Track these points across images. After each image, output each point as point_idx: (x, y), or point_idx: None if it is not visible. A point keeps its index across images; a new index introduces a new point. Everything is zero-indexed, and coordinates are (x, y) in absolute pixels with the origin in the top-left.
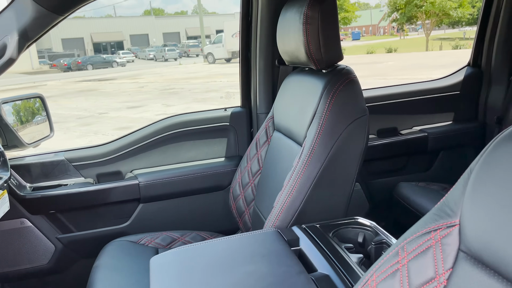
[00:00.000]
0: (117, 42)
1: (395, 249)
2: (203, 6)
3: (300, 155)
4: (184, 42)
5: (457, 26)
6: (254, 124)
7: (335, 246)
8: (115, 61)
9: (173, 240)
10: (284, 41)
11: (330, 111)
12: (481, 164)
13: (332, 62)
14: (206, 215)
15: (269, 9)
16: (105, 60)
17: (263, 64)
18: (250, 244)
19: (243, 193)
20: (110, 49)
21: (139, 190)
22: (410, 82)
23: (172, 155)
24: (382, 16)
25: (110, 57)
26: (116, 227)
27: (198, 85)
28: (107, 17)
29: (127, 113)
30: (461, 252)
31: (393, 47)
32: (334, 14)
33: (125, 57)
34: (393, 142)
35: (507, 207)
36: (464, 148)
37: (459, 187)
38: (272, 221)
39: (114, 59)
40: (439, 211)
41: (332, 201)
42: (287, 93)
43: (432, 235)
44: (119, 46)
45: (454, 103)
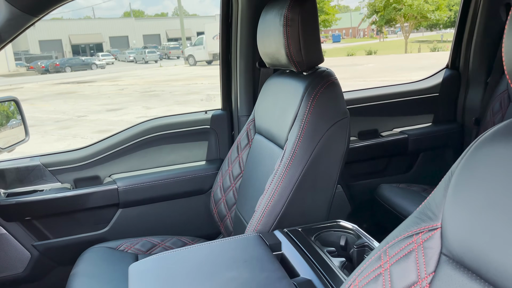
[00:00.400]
0: (96, 44)
1: (378, 253)
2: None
3: (282, 158)
4: (165, 44)
5: (435, 29)
6: (235, 127)
7: (317, 250)
8: (94, 63)
9: (153, 245)
10: (265, 43)
11: (311, 113)
12: (461, 167)
13: (313, 64)
14: (187, 220)
15: (249, 11)
16: (84, 62)
17: (244, 66)
18: (231, 249)
19: (224, 197)
20: (89, 51)
21: (118, 195)
22: (390, 84)
23: (152, 159)
24: (362, 18)
25: (89, 59)
26: (94, 233)
27: (179, 87)
28: (86, 18)
29: (107, 116)
30: (443, 256)
31: (373, 49)
32: (314, 16)
33: (105, 59)
34: (374, 144)
35: (488, 210)
36: (443, 149)
37: (441, 190)
38: (254, 225)
39: (93, 61)
40: (421, 215)
41: (314, 204)
42: (268, 96)
43: (414, 239)
44: (98, 48)
45: (433, 105)
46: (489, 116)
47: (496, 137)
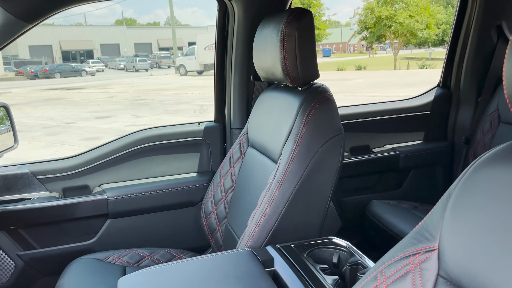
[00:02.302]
0: (87, 50)
1: (374, 273)
2: (176, 18)
3: (275, 172)
4: (156, 53)
5: (423, 47)
6: (228, 139)
7: (310, 267)
8: (84, 70)
9: (142, 258)
10: (261, 57)
11: (306, 129)
12: (460, 189)
13: (309, 80)
14: (176, 232)
15: (246, 25)
16: (74, 69)
17: (238, 79)
18: (223, 264)
19: (215, 209)
20: (79, 57)
21: (107, 205)
22: (382, 101)
23: (142, 169)
24: (352, 34)
25: (79, 66)
26: (82, 243)
27: (169, 96)
28: (78, 25)
29: (96, 123)
30: (440, 278)
31: (362, 64)
32: (311, 32)
33: (95, 66)
34: (366, 160)
35: (487, 234)
36: (434, 167)
37: (438, 211)
38: (246, 240)
39: (83, 68)
40: (418, 235)
41: (307, 219)
42: (262, 109)
43: (411, 260)
44: (89, 55)
45: (425, 123)
46: (479, 136)
47: (495, 161)
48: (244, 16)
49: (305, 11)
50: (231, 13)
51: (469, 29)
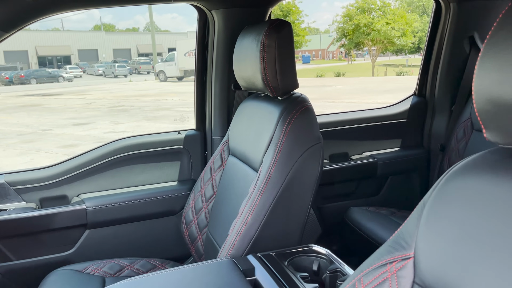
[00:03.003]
0: (64, 56)
1: (352, 281)
2: (155, 24)
3: (256, 181)
4: (135, 59)
5: (400, 54)
6: (209, 148)
7: (290, 275)
8: (61, 76)
9: (122, 268)
10: (241, 67)
11: (286, 138)
12: (433, 199)
13: (288, 90)
14: (156, 242)
15: (226, 34)
16: (51, 75)
17: (219, 88)
18: (204, 274)
19: (196, 218)
20: (56, 63)
21: (86, 215)
22: (361, 109)
23: (122, 178)
24: (331, 41)
25: (56, 72)
26: (60, 254)
27: (148, 102)
28: (54, 30)
29: (73, 130)
30: (416, 285)
31: (341, 71)
32: (290, 43)
33: (72, 72)
34: (345, 167)
35: (460, 242)
36: (411, 173)
37: (413, 220)
38: (227, 249)
39: (61, 73)
40: (394, 244)
41: (287, 228)
42: (243, 118)
43: (388, 268)
44: (66, 60)
45: (401, 130)
46: (453, 143)
47: (467, 171)
48: (224, 26)
49: (285, 22)
50: (212, 22)
51: (443, 39)
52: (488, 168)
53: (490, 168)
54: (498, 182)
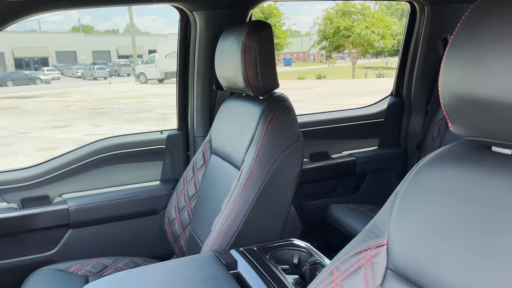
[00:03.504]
0: (41, 58)
1: (330, 269)
2: (135, 26)
3: (238, 178)
4: (115, 61)
5: (380, 56)
6: (191, 147)
7: (272, 268)
8: (38, 78)
9: (105, 267)
10: (223, 68)
11: (267, 136)
12: (404, 189)
13: (269, 89)
14: (140, 240)
15: (208, 35)
16: (28, 77)
17: (201, 88)
18: (188, 268)
19: (179, 217)
20: (33, 65)
21: (68, 215)
22: (340, 109)
23: (105, 178)
24: (312, 43)
25: (33, 74)
26: (42, 255)
27: (129, 105)
28: (31, 31)
29: (52, 133)
30: (389, 270)
31: (322, 73)
32: (270, 44)
33: (50, 74)
34: (325, 165)
35: (428, 228)
36: (388, 171)
37: (386, 210)
38: (210, 244)
39: (38, 75)
40: (369, 232)
41: (268, 223)
42: (225, 118)
43: (363, 255)
44: (44, 62)
45: (379, 130)
46: (429, 141)
47: (434, 163)
48: (206, 27)
49: (265, 23)
50: (193, 24)
51: (418, 41)
52: (453, 160)
53: (455, 159)
54: (462, 172)
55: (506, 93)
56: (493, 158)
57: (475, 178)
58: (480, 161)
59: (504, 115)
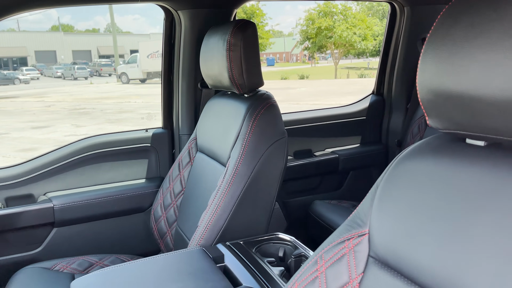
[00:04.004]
0: (20, 57)
1: (314, 258)
2: (116, 25)
3: (224, 175)
4: (96, 61)
5: (361, 57)
6: (176, 145)
7: (258, 261)
8: (17, 78)
9: (91, 264)
10: (208, 66)
11: (252, 133)
12: (385, 181)
13: (254, 87)
14: (126, 238)
15: (192, 34)
16: (6, 77)
17: (186, 86)
18: (176, 262)
19: (165, 214)
20: (12, 65)
21: (53, 213)
22: (323, 108)
23: (90, 176)
24: (295, 44)
25: (11, 74)
26: (27, 253)
27: (111, 105)
28: (10, 31)
29: (32, 134)
30: (371, 258)
31: (305, 74)
32: (255, 42)
33: (29, 74)
34: (308, 163)
35: (406, 217)
36: (370, 168)
37: (368, 201)
38: (197, 240)
39: (16, 75)
40: (351, 222)
41: (254, 218)
42: (210, 116)
43: (346, 244)
44: (23, 62)
45: (361, 128)
46: (409, 138)
47: (412, 155)
48: (190, 26)
49: (249, 22)
50: (178, 22)
51: (398, 41)
52: (431, 152)
53: (433, 151)
54: (439, 163)
55: (478, 88)
56: (467, 150)
57: (450, 168)
58: (455, 153)
59: (476, 108)
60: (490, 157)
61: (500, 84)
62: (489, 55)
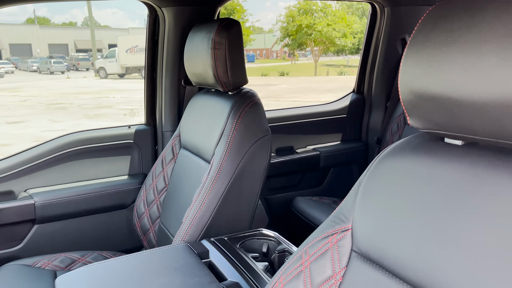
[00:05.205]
0: None
1: (299, 253)
2: (94, 19)
3: (209, 171)
4: (73, 55)
5: (341, 54)
6: (159, 142)
7: (242, 256)
8: None
9: (73, 261)
10: (192, 64)
11: (237, 130)
12: (367, 178)
13: (238, 85)
14: (107, 235)
15: (176, 32)
16: None
17: (169, 83)
18: (161, 258)
19: (148, 210)
20: None
21: (34, 210)
22: (305, 106)
23: (72, 173)
24: (275, 41)
25: None
26: (7, 251)
27: (88, 100)
28: None
29: (7, 129)
30: (354, 252)
31: (285, 70)
32: (240, 41)
33: (3, 68)
34: (290, 160)
35: (388, 213)
36: (351, 165)
37: (351, 197)
38: (181, 236)
39: None
40: (335, 218)
41: (238, 214)
42: (194, 113)
43: (329, 239)
44: None
45: (342, 125)
46: (388, 136)
47: (395, 153)
48: (174, 23)
49: (234, 21)
50: (162, 19)
51: (378, 41)
52: (411, 150)
53: (413, 150)
54: (418, 161)
55: (456, 90)
56: (446, 149)
57: (430, 166)
58: (434, 151)
59: (454, 110)
60: (467, 155)
61: (477, 86)
62: (467, 59)
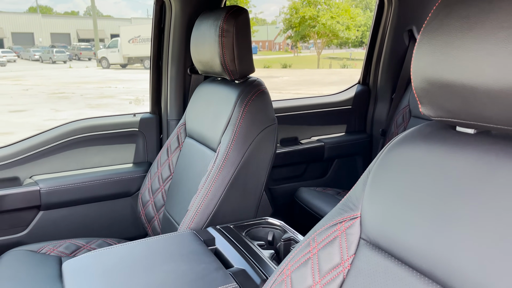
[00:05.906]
0: None
1: (307, 240)
2: (97, 8)
3: (215, 160)
4: (75, 45)
5: (344, 47)
6: (164, 130)
7: (248, 243)
8: None
9: (78, 248)
10: (199, 52)
11: (243, 119)
12: (377, 167)
13: (245, 74)
14: (113, 222)
15: (183, 18)
16: None
17: (175, 72)
18: (168, 245)
19: (153, 199)
20: None
21: (40, 196)
22: (309, 96)
23: (77, 160)
24: (278, 32)
25: None
26: (12, 236)
27: (91, 90)
28: None
29: (10, 118)
30: (362, 240)
31: (287, 63)
32: (247, 29)
33: (6, 56)
34: (294, 150)
35: (397, 201)
36: (355, 156)
37: (360, 185)
38: (187, 223)
39: None
40: (344, 206)
41: (244, 203)
42: (200, 101)
43: (338, 227)
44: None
45: (347, 117)
46: (393, 128)
47: (404, 142)
48: (181, 11)
49: (242, 9)
50: (168, 7)
51: (385, 32)
52: (422, 139)
53: (424, 138)
54: (430, 150)
55: (471, 77)
56: (457, 137)
57: (441, 154)
58: (446, 140)
59: (468, 97)
60: (479, 144)
61: (493, 74)
62: (483, 46)
